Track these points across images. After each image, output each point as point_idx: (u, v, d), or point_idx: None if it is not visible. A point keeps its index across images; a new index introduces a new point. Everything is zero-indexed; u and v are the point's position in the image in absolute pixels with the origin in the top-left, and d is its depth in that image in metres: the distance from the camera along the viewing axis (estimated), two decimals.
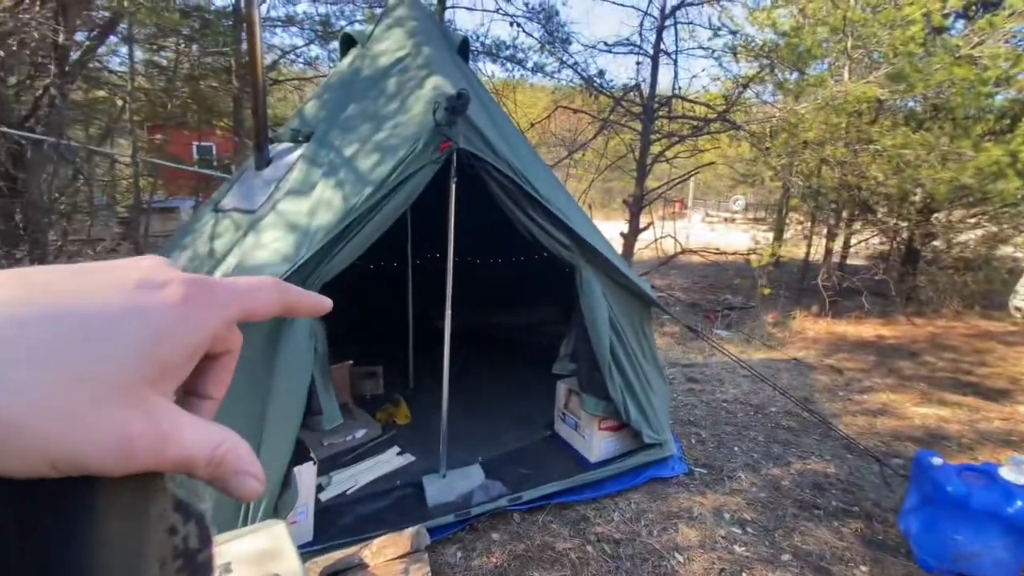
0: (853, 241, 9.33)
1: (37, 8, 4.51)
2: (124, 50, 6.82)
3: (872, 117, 7.76)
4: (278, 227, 2.31)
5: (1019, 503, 2.22)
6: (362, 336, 4.93)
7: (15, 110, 4.90)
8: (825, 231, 8.49)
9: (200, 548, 0.24)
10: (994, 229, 7.91)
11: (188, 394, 0.26)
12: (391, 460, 3.08)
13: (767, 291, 6.77)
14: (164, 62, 7.68)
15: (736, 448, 3.57)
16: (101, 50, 6.15)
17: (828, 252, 8.32)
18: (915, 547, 2.51)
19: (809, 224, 9.45)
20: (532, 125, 8.80)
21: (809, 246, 9.55)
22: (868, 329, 7.65)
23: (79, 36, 5.39)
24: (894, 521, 2.78)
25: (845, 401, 4.68)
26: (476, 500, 2.66)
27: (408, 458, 3.10)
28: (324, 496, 2.68)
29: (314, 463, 2.39)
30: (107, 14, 5.70)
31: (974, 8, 7.78)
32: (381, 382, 4.01)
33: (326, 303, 0.29)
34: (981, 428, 4.16)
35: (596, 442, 3.01)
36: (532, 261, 5.37)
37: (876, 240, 9.43)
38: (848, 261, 10.13)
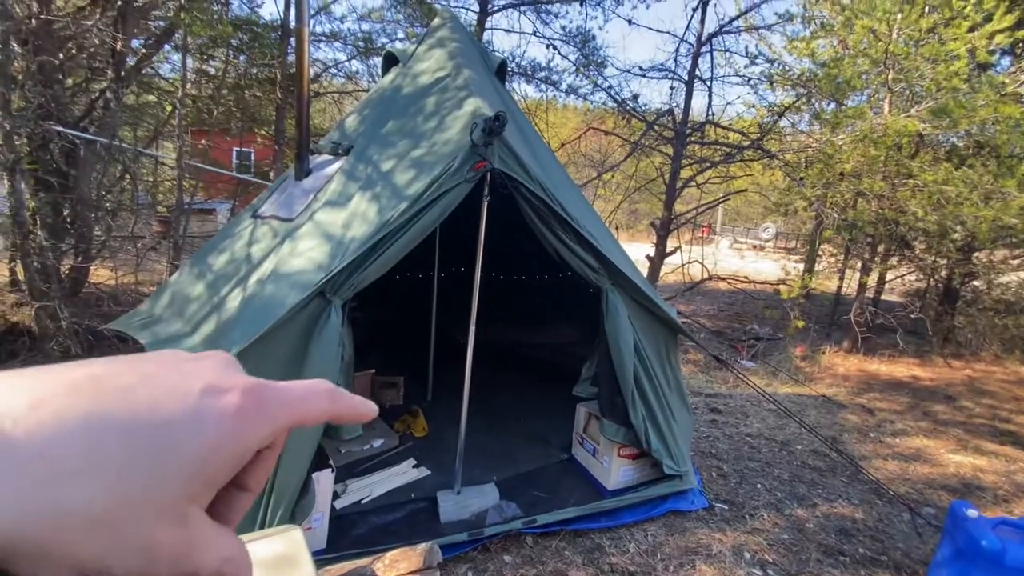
0: (888, 277, 9.06)
1: (98, 15, 4.77)
2: (175, 58, 7.14)
3: (912, 151, 7.58)
4: (314, 236, 2.37)
5: None
6: (384, 345, 4.99)
7: (71, 111, 5.15)
8: (859, 265, 8.28)
9: None
10: None
11: (230, 484, 0.26)
12: (407, 472, 3.08)
13: (800, 323, 6.59)
14: (212, 71, 8.02)
15: (759, 485, 3.47)
16: (154, 57, 6.46)
17: (862, 287, 8.09)
18: None
19: (843, 257, 9.23)
20: (563, 145, 8.87)
21: (841, 279, 9.30)
22: (902, 369, 7.39)
23: (135, 43, 5.67)
24: (924, 573, 2.65)
25: (876, 443, 4.51)
26: (490, 520, 2.64)
27: (423, 472, 3.10)
28: (339, 504, 2.69)
29: (332, 470, 2.41)
30: (163, 23, 5.99)
31: (1021, 46, 7.59)
32: (401, 393, 4.03)
33: (372, 409, 0.29)
34: (1019, 480, 3.96)
35: (614, 469, 2.95)
36: (557, 280, 5.37)
37: (912, 277, 9.14)
38: (883, 297, 9.83)
